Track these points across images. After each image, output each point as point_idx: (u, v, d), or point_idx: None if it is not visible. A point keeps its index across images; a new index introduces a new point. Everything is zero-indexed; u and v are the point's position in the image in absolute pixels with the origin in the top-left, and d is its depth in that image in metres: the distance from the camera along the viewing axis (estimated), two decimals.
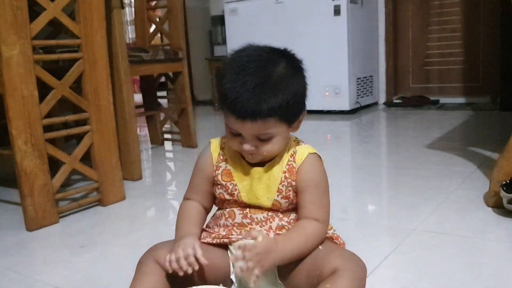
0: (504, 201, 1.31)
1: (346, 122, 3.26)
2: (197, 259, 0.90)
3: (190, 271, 0.88)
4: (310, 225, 0.94)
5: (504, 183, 1.32)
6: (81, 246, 1.33)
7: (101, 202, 1.68)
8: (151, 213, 1.69)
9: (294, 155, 0.98)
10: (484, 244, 1.20)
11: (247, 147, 0.92)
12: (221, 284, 0.96)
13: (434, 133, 2.65)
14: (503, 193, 1.30)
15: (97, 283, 1.10)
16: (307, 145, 1.01)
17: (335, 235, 1.04)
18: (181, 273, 0.88)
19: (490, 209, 1.41)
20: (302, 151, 0.98)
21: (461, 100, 3.75)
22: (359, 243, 1.21)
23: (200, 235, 0.98)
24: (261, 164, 0.98)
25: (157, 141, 2.79)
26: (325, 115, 3.51)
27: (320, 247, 0.95)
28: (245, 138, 0.92)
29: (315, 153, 0.99)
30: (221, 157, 1.01)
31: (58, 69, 1.62)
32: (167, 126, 3.11)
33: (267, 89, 0.88)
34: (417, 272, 1.07)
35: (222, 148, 1.02)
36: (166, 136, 2.85)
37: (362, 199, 1.65)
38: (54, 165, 1.61)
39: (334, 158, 2.22)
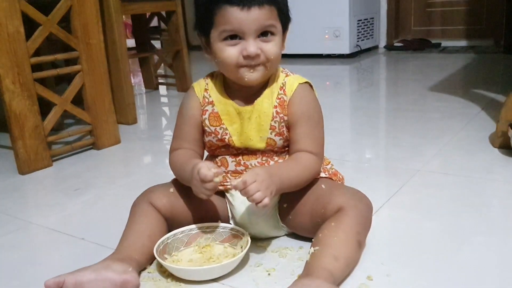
0: None
1: (345, 67, 3.17)
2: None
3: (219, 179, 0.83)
4: (305, 155, 0.90)
5: None
6: (75, 189, 1.30)
7: (95, 146, 1.63)
8: (146, 156, 1.65)
9: (283, 87, 0.91)
10: (490, 184, 1.17)
11: (252, 48, 0.83)
12: (219, 221, 0.93)
13: (436, 77, 2.58)
14: (511, 133, 1.26)
15: (93, 225, 1.07)
16: (296, 75, 0.95)
17: (334, 170, 1.00)
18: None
19: (496, 150, 1.38)
20: (291, 82, 0.92)
21: (463, 43, 3.65)
22: (362, 185, 1.17)
23: None
24: (249, 102, 0.91)
25: (151, 85, 2.71)
26: (325, 59, 3.42)
27: (322, 185, 0.91)
28: (248, 41, 0.84)
29: (306, 82, 0.93)
30: (207, 100, 0.94)
31: (45, 5, 1.52)
32: (161, 70, 3.03)
33: None
34: (422, 212, 1.04)
35: (206, 90, 0.95)
36: (161, 80, 2.77)
37: (364, 142, 1.60)
38: (45, 108, 1.55)
39: (334, 102, 2.16)
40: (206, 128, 0.93)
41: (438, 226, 0.97)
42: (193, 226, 0.92)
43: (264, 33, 0.85)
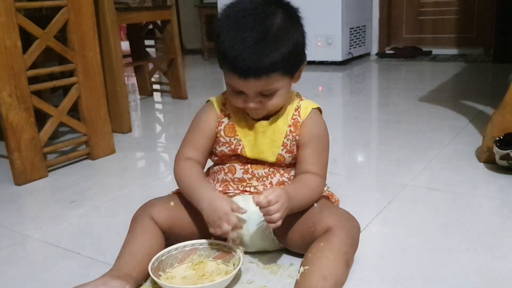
0: (497, 157, 1.31)
1: (338, 73, 3.21)
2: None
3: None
4: (313, 178, 0.94)
5: (497, 138, 1.31)
6: (71, 201, 1.32)
7: (90, 156, 1.66)
8: (142, 166, 1.68)
9: (298, 109, 0.98)
10: (475, 200, 1.21)
11: (251, 105, 0.90)
12: (212, 237, 0.96)
13: (427, 86, 2.62)
14: (496, 149, 1.30)
15: (89, 239, 1.10)
16: (309, 99, 1.01)
17: (330, 192, 1.04)
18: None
19: (482, 164, 1.42)
20: (306, 106, 0.98)
21: (454, 51, 3.70)
22: (351, 199, 1.21)
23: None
24: (265, 117, 0.96)
25: (146, 92, 2.74)
26: (317, 66, 3.46)
27: (315, 204, 0.94)
28: (248, 96, 0.89)
29: (317, 107, 0.99)
30: (224, 113, 0.99)
31: (42, 18, 1.54)
32: (156, 76, 3.05)
33: (267, 43, 0.84)
34: (409, 228, 1.07)
35: (224, 104, 1.00)
36: (155, 87, 2.79)
37: (354, 153, 1.64)
38: (41, 118, 1.57)
39: (326, 111, 2.18)
40: (221, 138, 0.97)
41: (424, 243, 1.00)
42: (187, 242, 0.95)
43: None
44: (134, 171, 1.61)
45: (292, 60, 0.88)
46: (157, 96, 2.76)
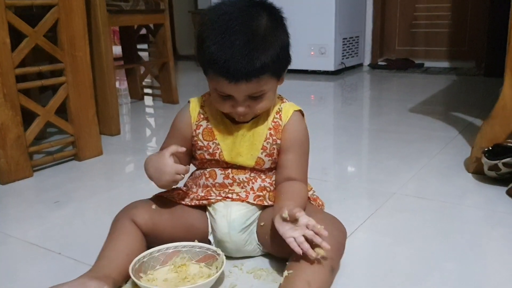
0: (485, 168, 1.31)
1: (330, 83, 3.22)
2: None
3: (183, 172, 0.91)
4: (300, 186, 0.93)
5: (486, 149, 1.31)
6: (55, 202, 1.30)
7: (77, 157, 1.64)
8: (129, 169, 1.66)
9: (280, 112, 0.96)
10: (463, 210, 1.20)
11: (241, 109, 0.88)
12: (196, 240, 0.94)
13: (418, 97, 2.63)
14: (484, 160, 1.30)
15: (71, 240, 1.08)
16: (290, 102, 0.99)
17: (314, 196, 1.03)
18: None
19: (470, 175, 1.42)
20: (287, 109, 0.97)
21: (445, 64, 3.73)
22: (339, 206, 1.21)
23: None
24: (245, 122, 0.95)
25: (136, 95, 2.72)
26: (310, 75, 3.47)
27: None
28: (237, 100, 0.88)
29: (299, 110, 0.97)
30: (202, 116, 0.97)
31: (32, 17, 1.53)
32: (147, 80, 3.03)
33: (257, 45, 0.83)
34: (395, 236, 1.07)
35: (202, 107, 0.98)
36: (147, 91, 2.78)
37: (343, 162, 1.63)
38: (28, 117, 1.55)
39: (317, 120, 2.19)
40: (199, 142, 0.96)
41: (410, 251, 1.00)
42: (170, 244, 0.94)
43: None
44: (121, 174, 1.59)
45: (280, 61, 0.88)
46: (148, 100, 2.74)
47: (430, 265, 0.94)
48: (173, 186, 0.94)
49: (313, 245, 0.81)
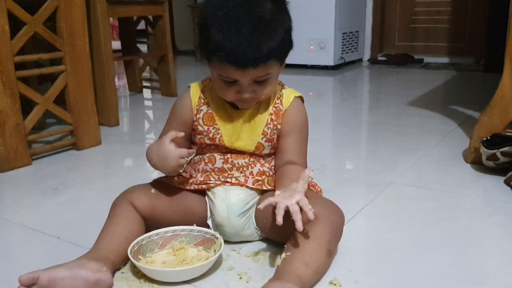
0: (483, 158, 1.32)
1: (329, 78, 3.22)
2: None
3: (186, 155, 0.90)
4: (301, 170, 0.93)
5: (484, 139, 1.31)
6: (54, 189, 1.30)
7: (75, 146, 1.64)
8: (127, 159, 1.66)
9: (280, 97, 0.97)
10: (460, 198, 1.20)
11: (247, 95, 0.88)
12: (194, 224, 0.94)
13: (417, 92, 2.63)
14: (483, 149, 1.30)
15: (69, 225, 1.08)
16: (290, 88, 1.00)
17: (313, 182, 1.03)
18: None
19: (468, 165, 1.42)
20: (288, 94, 0.97)
21: (445, 60, 3.73)
22: (337, 195, 1.20)
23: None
24: None
25: (135, 88, 2.72)
26: (309, 70, 3.47)
27: None
28: (242, 86, 0.88)
29: (300, 96, 0.98)
30: (202, 101, 0.97)
31: (31, 5, 1.53)
32: (146, 74, 3.03)
33: (263, 31, 0.84)
34: (392, 222, 1.07)
35: (202, 92, 0.98)
36: (145, 83, 2.78)
37: (341, 153, 1.64)
38: (28, 108, 1.55)
39: (315, 113, 2.19)
40: (199, 127, 0.96)
41: (406, 237, 1.00)
42: (168, 228, 0.94)
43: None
44: (119, 163, 1.59)
45: (285, 45, 0.88)
46: (146, 92, 2.74)
47: (426, 251, 0.94)
48: (180, 171, 0.93)
49: (291, 221, 0.81)
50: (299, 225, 0.79)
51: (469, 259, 0.91)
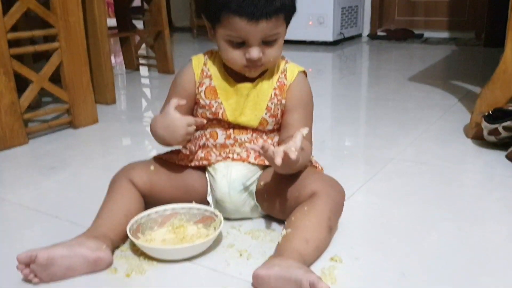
0: (485, 132, 1.30)
1: (328, 54, 3.18)
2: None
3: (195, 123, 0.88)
4: (305, 143, 0.91)
5: (486, 113, 1.30)
6: (51, 168, 1.29)
7: (72, 125, 1.62)
8: (125, 137, 1.64)
9: (284, 72, 0.95)
10: (461, 173, 1.20)
11: (255, 53, 0.86)
12: (194, 202, 0.94)
13: (417, 67, 2.61)
14: (484, 124, 1.28)
15: (68, 203, 1.07)
16: (294, 63, 0.98)
17: (314, 160, 1.02)
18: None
19: (469, 140, 1.41)
20: (292, 69, 0.96)
21: (445, 34, 3.69)
22: (337, 171, 1.19)
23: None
24: (249, 80, 0.93)
25: (132, 66, 2.68)
26: (308, 46, 3.42)
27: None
28: (252, 45, 0.86)
29: (303, 71, 0.96)
30: (205, 73, 0.95)
31: None
32: (142, 51, 2.99)
33: None
34: (393, 198, 1.06)
35: (205, 64, 0.96)
36: (142, 61, 2.74)
37: (341, 130, 1.62)
38: (23, 85, 1.52)
39: (314, 89, 2.16)
40: (201, 100, 0.94)
41: (408, 212, 0.99)
42: (167, 206, 0.93)
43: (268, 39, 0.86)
44: (117, 141, 1.57)
45: (292, 4, 0.88)
46: (143, 70, 2.71)
47: (427, 225, 0.94)
48: (189, 138, 0.90)
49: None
50: (278, 160, 0.78)
51: (470, 234, 0.91)
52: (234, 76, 0.93)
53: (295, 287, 0.69)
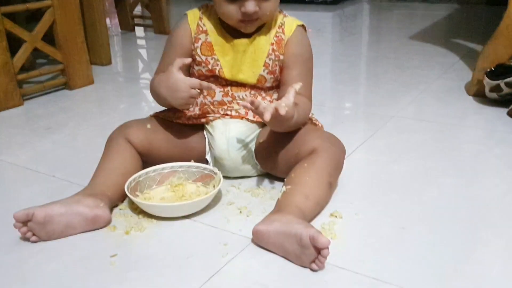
0: (487, 89, 1.28)
1: (328, 14, 3.11)
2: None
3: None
4: (304, 100, 0.90)
5: (488, 70, 1.28)
6: (47, 128, 1.27)
7: (67, 86, 1.59)
8: (121, 98, 1.62)
9: (282, 26, 0.91)
10: (462, 130, 1.18)
11: (251, 6, 0.82)
12: (192, 160, 0.92)
13: (418, 26, 2.55)
14: (486, 80, 1.26)
15: (65, 163, 1.06)
16: (292, 17, 0.94)
17: (314, 118, 1.00)
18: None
19: (471, 98, 1.39)
20: (290, 23, 0.92)
21: None
22: (337, 129, 1.17)
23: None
24: (246, 35, 0.90)
25: (127, 26, 2.62)
26: (307, 6, 3.35)
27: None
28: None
29: (302, 24, 0.93)
30: (200, 28, 0.92)
31: None
32: (138, 11, 2.92)
33: None
34: (393, 155, 1.05)
35: (200, 19, 0.93)
36: (137, 21, 2.68)
37: (341, 87, 1.60)
38: (16, 48, 1.48)
39: (314, 50, 2.12)
40: (197, 57, 0.91)
41: (409, 169, 0.98)
42: (166, 165, 0.92)
43: None
44: (113, 102, 1.55)
45: None
46: (139, 31, 2.65)
47: (428, 181, 0.93)
48: (192, 102, 0.87)
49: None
50: (266, 116, 0.76)
51: (471, 189, 0.90)
52: (230, 31, 0.90)
53: (295, 242, 0.68)
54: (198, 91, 0.85)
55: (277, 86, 0.95)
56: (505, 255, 0.71)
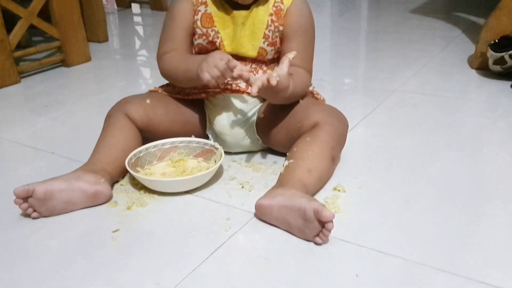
0: (490, 62, 1.27)
1: None
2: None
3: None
4: (302, 72, 0.88)
5: (492, 42, 1.26)
6: (45, 106, 1.25)
7: (64, 63, 1.57)
8: (118, 75, 1.59)
9: None
10: (465, 103, 1.17)
11: None
12: (193, 136, 0.91)
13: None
14: (490, 53, 1.24)
15: (63, 140, 1.05)
16: None
17: (315, 91, 0.99)
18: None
19: (474, 71, 1.37)
20: None
21: None
22: (338, 104, 1.16)
23: None
24: (244, 7, 0.88)
25: (123, 3, 2.58)
26: None
27: (300, 100, 0.89)
28: None
29: None
30: (200, 0, 0.89)
31: None
32: None
33: None
34: (396, 129, 1.04)
35: None
36: None
37: (342, 62, 1.58)
38: (12, 26, 1.45)
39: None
40: (197, 29, 0.89)
41: (412, 143, 0.98)
42: (166, 140, 0.91)
43: None
44: (111, 78, 1.53)
45: None
46: (135, 7, 2.61)
47: (431, 155, 0.92)
48: (217, 74, 0.80)
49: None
50: (253, 89, 0.75)
51: (475, 162, 0.89)
52: (229, 2, 0.88)
53: (298, 215, 0.68)
54: (226, 67, 0.79)
55: (279, 58, 0.93)
56: (509, 227, 0.71)
